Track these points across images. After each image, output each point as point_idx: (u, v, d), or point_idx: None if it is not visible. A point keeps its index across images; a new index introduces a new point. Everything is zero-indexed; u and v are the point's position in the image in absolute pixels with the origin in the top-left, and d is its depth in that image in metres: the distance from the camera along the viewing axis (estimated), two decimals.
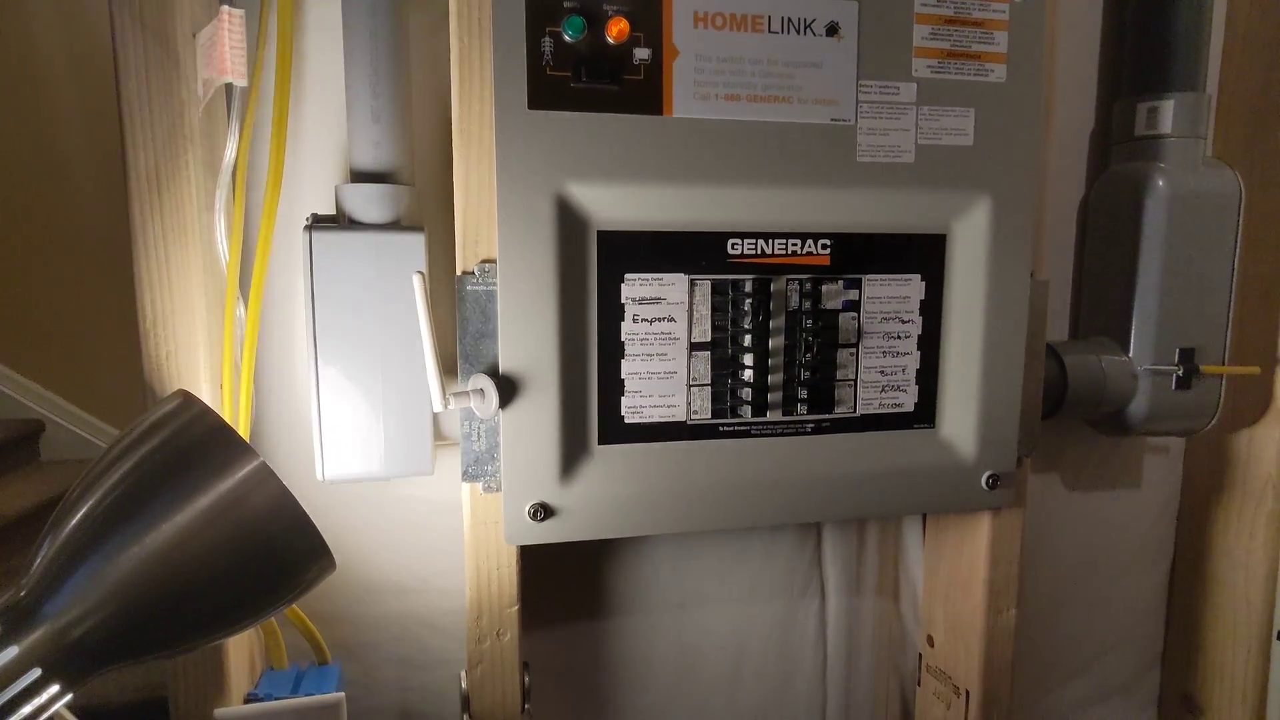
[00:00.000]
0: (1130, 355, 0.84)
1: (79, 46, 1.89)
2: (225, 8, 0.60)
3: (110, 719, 1.02)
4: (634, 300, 0.66)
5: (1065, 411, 0.83)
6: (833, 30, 0.65)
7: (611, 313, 0.65)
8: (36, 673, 0.44)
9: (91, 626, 0.46)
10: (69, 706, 0.48)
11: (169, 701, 0.68)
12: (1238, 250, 0.83)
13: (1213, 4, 0.83)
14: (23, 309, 1.90)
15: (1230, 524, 0.96)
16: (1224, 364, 0.85)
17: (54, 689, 0.45)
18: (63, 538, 0.47)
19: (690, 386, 0.68)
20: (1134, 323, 0.84)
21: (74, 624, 0.45)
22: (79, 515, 0.47)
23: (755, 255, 0.67)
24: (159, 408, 0.52)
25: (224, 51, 0.59)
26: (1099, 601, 1.00)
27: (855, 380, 0.71)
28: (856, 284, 0.70)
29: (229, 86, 0.65)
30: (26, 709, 0.44)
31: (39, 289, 1.91)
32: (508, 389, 0.63)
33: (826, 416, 0.71)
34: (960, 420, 0.73)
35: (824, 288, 0.69)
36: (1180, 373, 0.83)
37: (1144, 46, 0.85)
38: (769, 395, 0.69)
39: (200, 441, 0.50)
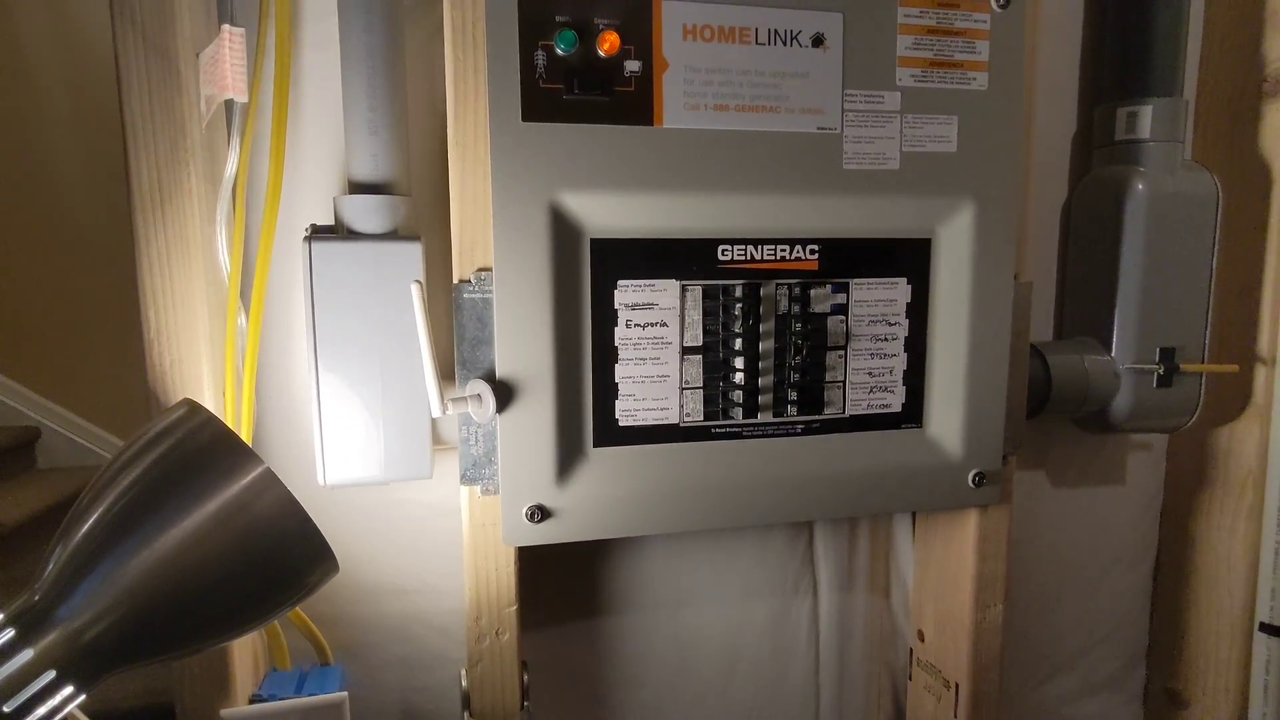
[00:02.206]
0: (1113, 354, 0.86)
1: (73, 57, 1.90)
2: (226, 26, 0.62)
3: None
4: (627, 306, 0.67)
5: (1050, 410, 0.85)
6: (818, 41, 0.67)
7: (605, 318, 0.67)
8: (51, 674, 0.46)
9: (104, 629, 0.47)
10: (81, 708, 0.50)
11: (175, 703, 0.69)
12: (1216, 251, 0.85)
13: (1190, 10, 0.84)
14: (18, 316, 1.90)
15: (1212, 518, 0.98)
16: (1204, 362, 0.87)
17: (68, 690, 0.47)
18: (75, 543, 0.48)
19: (683, 389, 0.69)
20: (1116, 322, 0.86)
21: (87, 627, 0.47)
22: (90, 521, 0.48)
23: (745, 261, 0.69)
24: (165, 416, 0.53)
25: (225, 68, 0.60)
26: (1085, 597, 1.01)
27: (844, 382, 0.73)
28: (844, 288, 0.72)
29: (229, 102, 0.66)
30: (42, 710, 0.46)
31: (34, 296, 1.92)
32: (504, 394, 0.64)
33: (816, 417, 0.73)
34: (947, 420, 0.75)
35: (812, 292, 0.71)
36: (1161, 371, 0.85)
37: (1123, 52, 0.86)
38: (760, 397, 0.71)
39: (206, 448, 0.51)
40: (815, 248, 0.70)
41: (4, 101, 1.86)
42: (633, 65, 0.64)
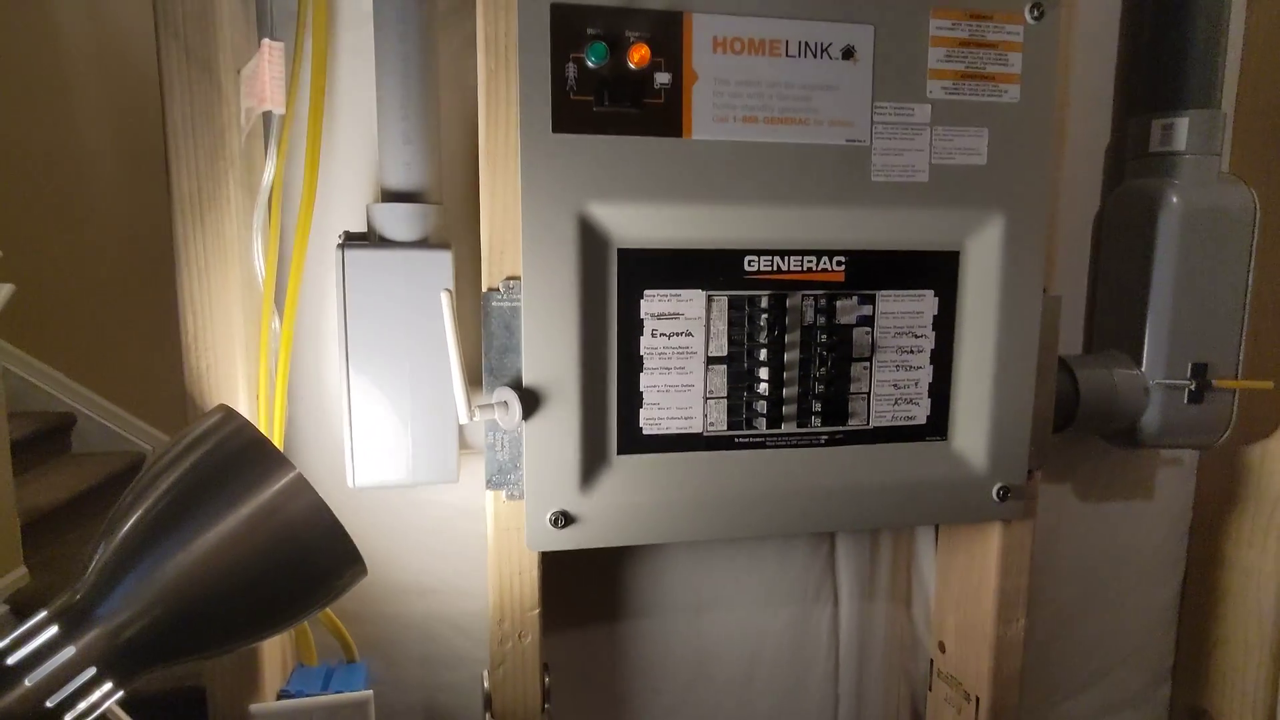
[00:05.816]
0: (1143, 369, 0.85)
1: (108, 52, 1.94)
2: (266, 40, 0.63)
3: (142, 707, 1.05)
4: (653, 315, 0.68)
5: (1078, 425, 0.84)
6: (849, 54, 0.67)
7: (631, 327, 0.67)
8: (91, 671, 0.48)
9: (142, 628, 0.48)
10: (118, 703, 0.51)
11: (207, 697, 0.71)
12: (1252, 265, 0.84)
13: (1229, 20, 0.83)
14: (54, 304, 1.95)
15: (1242, 537, 0.96)
16: (1237, 378, 0.85)
17: (107, 687, 0.48)
18: (115, 544, 0.50)
19: (707, 399, 0.70)
20: (1147, 336, 0.85)
21: (125, 625, 0.48)
22: (130, 523, 0.50)
23: (771, 272, 0.69)
24: (202, 422, 0.55)
25: (265, 82, 0.61)
26: (1111, 614, 1.00)
27: (868, 393, 0.73)
28: (870, 299, 0.72)
29: (267, 112, 0.67)
30: (82, 705, 0.47)
31: (70, 285, 1.96)
32: (530, 401, 0.65)
33: (840, 429, 0.73)
34: (972, 433, 0.74)
35: (838, 303, 0.71)
36: (1193, 387, 0.84)
37: (1159, 63, 0.85)
38: (784, 408, 0.71)
39: (241, 454, 0.53)
40: (842, 259, 0.70)
41: (45, 96, 1.91)
42: (663, 77, 0.64)
